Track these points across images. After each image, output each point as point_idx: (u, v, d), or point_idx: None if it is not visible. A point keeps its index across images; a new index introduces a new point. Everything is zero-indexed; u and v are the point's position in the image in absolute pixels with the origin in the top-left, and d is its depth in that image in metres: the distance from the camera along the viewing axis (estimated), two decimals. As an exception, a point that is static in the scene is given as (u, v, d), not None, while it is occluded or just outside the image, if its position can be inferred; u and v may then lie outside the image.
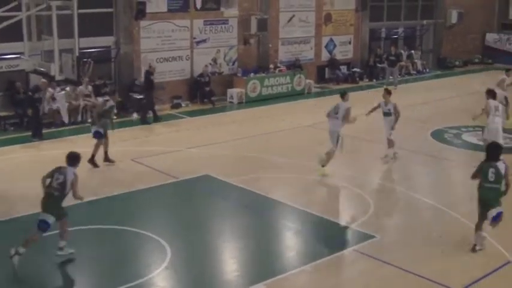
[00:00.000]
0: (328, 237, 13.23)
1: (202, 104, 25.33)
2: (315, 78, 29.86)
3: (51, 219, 11.23)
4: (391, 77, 30.33)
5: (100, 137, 17.04)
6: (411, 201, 15.20)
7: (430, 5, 36.73)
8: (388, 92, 18.56)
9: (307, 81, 28.28)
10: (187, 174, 16.61)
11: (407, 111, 24.83)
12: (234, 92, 26.03)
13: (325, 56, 30.72)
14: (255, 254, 12.32)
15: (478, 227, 12.32)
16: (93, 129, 17.20)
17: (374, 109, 18.54)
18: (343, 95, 17.23)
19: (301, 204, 14.60)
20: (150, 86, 22.45)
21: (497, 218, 11.95)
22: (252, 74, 26.68)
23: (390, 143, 18.28)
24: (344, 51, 31.55)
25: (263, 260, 11.94)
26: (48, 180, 11.47)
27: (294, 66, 28.29)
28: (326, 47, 30.73)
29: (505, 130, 19.33)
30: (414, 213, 14.49)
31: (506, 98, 22.06)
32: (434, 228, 13.53)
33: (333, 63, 30.63)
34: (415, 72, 34.18)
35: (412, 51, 34.86)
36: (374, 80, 31.44)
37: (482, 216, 12.15)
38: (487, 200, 11.95)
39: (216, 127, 22.05)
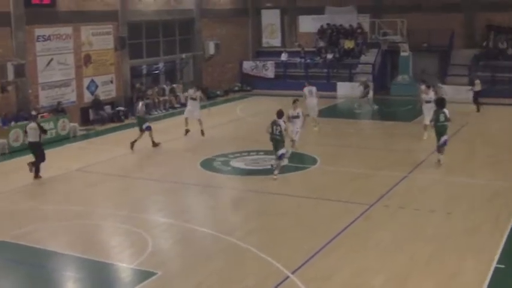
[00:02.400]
0: (110, 281, 12.98)
1: (-38, 160, 23.89)
2: (79, 120, 29.31)
3: (283, 150, 19.60)
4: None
5: (149, 129, 24.16)
6: (189, 233, 15.35)
7: (188, 39, 37.66)
8: (294, 101, 23.16)
9: (72, 124, 27.66)
10: (-48, 236, 15.51)
11: (175, 144, 25.29)
12: (-4, 143, 24.82)
13: (87, 97, 30.26)
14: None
15: None
16: (146, 124, 24.19)
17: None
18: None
19: (79, 251, 14.19)
20: None
21: None
22: (13, 123, 25.60)
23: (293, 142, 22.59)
24: (107, 90, 31.31)
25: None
26: (270, 130, 19.48)
27: (57, 111, 27.56)
28: (88, 88, 30.30)
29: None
30: (193, 244, 14.63)
31: None
32: (215, 256, 13.78)
33: (97, 104, 30.27)
34: (178, 105, 34.70)
35: (174, 85, 35.41)
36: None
37: None
38: None
39: (-20, 182, 20.88)
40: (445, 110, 20.92)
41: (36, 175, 20.30)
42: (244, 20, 42.76)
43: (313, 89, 27.17)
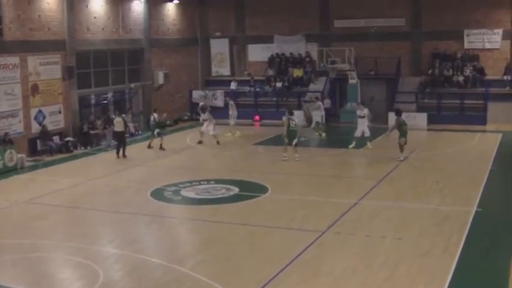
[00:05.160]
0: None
1: None
2: (27, 151, 28.82)
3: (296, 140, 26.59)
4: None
5: (159, 135, 30.05)
6: (140, 264, 15.15)
7: (137, 68, 37.53)
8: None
9: (19, 155, 27.15)
10: None
11: (125, 174, 25.09)
12: None
13: (35, 128, 29.81)
14: None
15: None
16: (156, 130, 30.11)
17: None
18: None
19: (29, 284, 13.92)
20: None
21: None
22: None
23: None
24: (55, 121, 30.89)
25: None
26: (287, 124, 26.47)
27: (4, 142, 27.06)
28: (35, 118, 29.85)
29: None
30: (144, 275, 14.43)
31: None
32: (166, 286, 13.61)
33: (45, 135, 29.85)
34: (128, 135, 34.38)
35: (123, 115, 35.02)
36: (88, 147, 31.12)
37: None
38: None
39: None
40: (402, 117, 26.91)
41: (123, 155, 28.41)
42: (193, 49, 42.84)
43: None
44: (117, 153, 28.63)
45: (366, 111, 29.16)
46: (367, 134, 28.82)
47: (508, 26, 37.69)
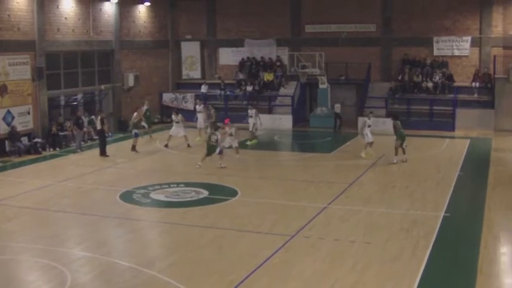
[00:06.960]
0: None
1: None
2: (-4, 152, 28.55)
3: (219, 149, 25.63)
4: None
5: (136, 136, 30.28)
6: (108, 267, 15.06)
7: (107, 70, 37.30)
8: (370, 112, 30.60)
9: (-13, 156, 26.92)
10: None
11: (94, 176, 24.92)
12: None
13: (4, 128, 29.45)
14: None
15: None
16: (133, 131, 30.49)
17: None
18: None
19: (-7, 287, 13.76)
20: None
21: None
22: None
23: None
24: (24, 122, 30.57)
25: None
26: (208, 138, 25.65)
27: (-29, 142, 26.78)
28: (4, 119, 29.51)
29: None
30: (113, 278, 14.33)
31: None
32: (134, 289, 13.57)
33: (13, 135, 29.53)
34: (97, 137, 34.16)
35: (93, 117, 34.83)
36: (57, 149, 30.87)
37: None
38: None
39: None
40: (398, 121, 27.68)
41: (102, 154, 29.15)
42: (164, 52, 42.74)
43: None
44: (101, 152, 29.47)
45: (372, 119, 29.48)
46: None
47: (477, 34, 38.15)
